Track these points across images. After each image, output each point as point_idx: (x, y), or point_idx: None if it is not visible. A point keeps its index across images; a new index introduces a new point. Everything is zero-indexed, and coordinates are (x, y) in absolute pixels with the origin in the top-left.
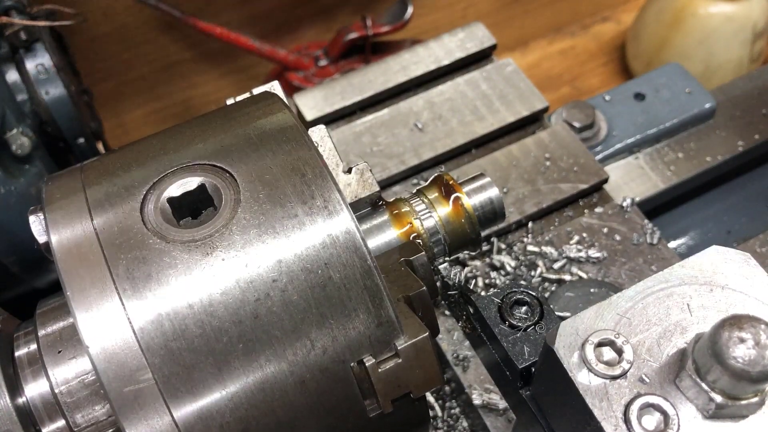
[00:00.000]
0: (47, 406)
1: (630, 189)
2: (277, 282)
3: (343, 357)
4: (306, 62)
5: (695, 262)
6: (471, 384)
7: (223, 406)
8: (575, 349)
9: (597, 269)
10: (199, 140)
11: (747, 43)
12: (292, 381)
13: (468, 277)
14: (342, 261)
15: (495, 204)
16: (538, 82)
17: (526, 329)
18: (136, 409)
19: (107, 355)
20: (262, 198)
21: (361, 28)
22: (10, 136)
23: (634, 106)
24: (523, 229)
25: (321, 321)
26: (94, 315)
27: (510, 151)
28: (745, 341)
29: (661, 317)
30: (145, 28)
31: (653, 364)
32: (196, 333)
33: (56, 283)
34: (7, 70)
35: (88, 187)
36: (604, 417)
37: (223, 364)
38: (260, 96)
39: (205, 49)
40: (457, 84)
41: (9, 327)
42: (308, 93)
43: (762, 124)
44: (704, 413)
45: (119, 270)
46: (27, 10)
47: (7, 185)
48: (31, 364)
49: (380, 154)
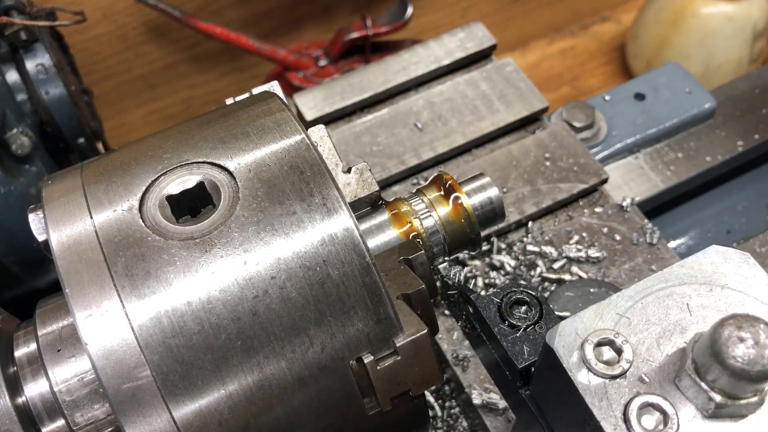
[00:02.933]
0: (47, 405)
1: (630, 189)
2: (276, 279)
3: (341, 354)
4: (306, 62)
5: (695, 261)
6: (470, 384)
7: (222, 404)
8: (575, 348)
9: (597, 269)
10: (198, 139)
11: (747, 43)
12: (290, 378)
13: (468, 277)
14: (340, 258)
15: (495, 204)
16: (538, 82)
17: (525, 329)
18: (135, 407)
19: (106, 353)
20: (261, 196)
21: (361, 28)
22: (10, 135)
23: (634, 106)
24: (523, 228)
25: (319, 318)
26: (93, 313)
27: (510, 151)
28: (744, 341)
29: (660, 317)
30: (145, 28)
31: (653, 364)
32: (195, 330)
33: (56, 283)
34: (7, 70)
35: (87, 186)
36: (604, 416)
37: (221, 361)
38: (259, 95)
39: (205, 49)
40: (457, 84)
41: (9, 327)
42: (308, 93)
43: (762, 124)
44: (704, 413)
45: (118, 267)
46: (27, 10)
47: (7, 185)
48: (30, 363)
49: (380, 154)
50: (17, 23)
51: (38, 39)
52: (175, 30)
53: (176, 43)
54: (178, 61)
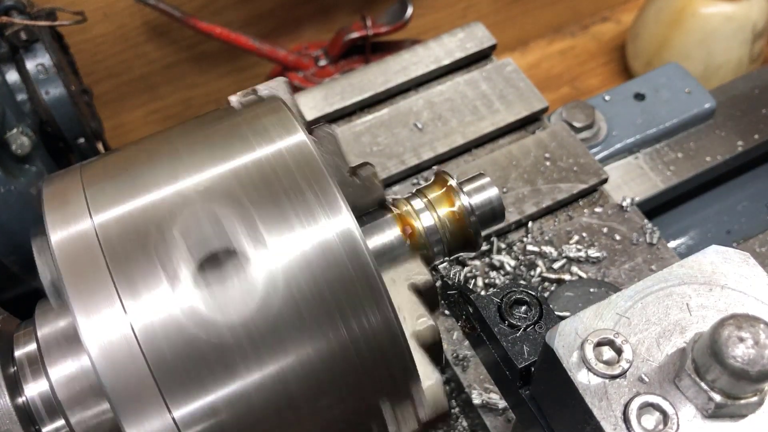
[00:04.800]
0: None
1: (630, 189)
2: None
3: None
4: (306, 62)
5: (694, 261)
6: (470, 383)
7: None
8: (574, 348)
9: (596, 269)
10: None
11: (747, 43)
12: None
13: (467, 277)
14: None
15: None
16: (538, 82)
17: (525, 329)
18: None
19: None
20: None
21: (361, 28)
22: (10, 135)
23: (633, 106)
24: (523, 228)
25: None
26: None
27: (510, 151)
28: (744, 340)
29: (660, 317)
30: (145, 28)
31: (652, 364)
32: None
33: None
34: (7, 70)
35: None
36: (604, 416)
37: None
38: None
39: (205, 49)
40: (456, 84)
41: (9, 327)
42: (308, 93)
43: (762, 124)
44: (703, 413)
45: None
46: (27, 10)
47: (7, 185)
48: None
49: (380, 154)
50: (17, 23)
51: (38, 39)
52: (175, 30)
53: (176, 43)
54: (178, 61)
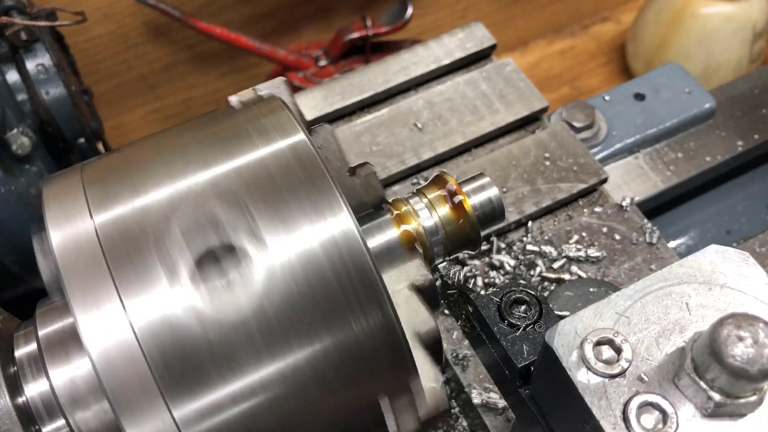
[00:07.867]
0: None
1: (630, 189)
2: None
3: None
4: (306, 62)
5: (694, 261)
6: (470, 383)
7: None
8: (574, 347)
9: (596, 269)
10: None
11: (747, 43)
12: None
13: (467, 276)
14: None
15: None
16: (538, 82)
17: (525, 328)
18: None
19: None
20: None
21: (361, 28)
22: (10, 135)
23: (633, 106)
24: (523, 228)
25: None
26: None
27: (509, 150)
28: (743, 340)
29: (659, 316)
30: (145, 28)
31: (652, 363)
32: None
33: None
34: (7, 70)
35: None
36: (603, 416)
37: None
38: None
39: (205, 49)
40: (456, 84)
41: (9, 327)
42: (308, 93)
43: (762, 124)
44: (703, 412)
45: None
46: (27, 11)
47: (7, 185)
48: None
49: (380, 154)
50: (17, 23)
51: (38, 39)
52: (175, 30)
53: (176, 43)
54: (178, 61)
